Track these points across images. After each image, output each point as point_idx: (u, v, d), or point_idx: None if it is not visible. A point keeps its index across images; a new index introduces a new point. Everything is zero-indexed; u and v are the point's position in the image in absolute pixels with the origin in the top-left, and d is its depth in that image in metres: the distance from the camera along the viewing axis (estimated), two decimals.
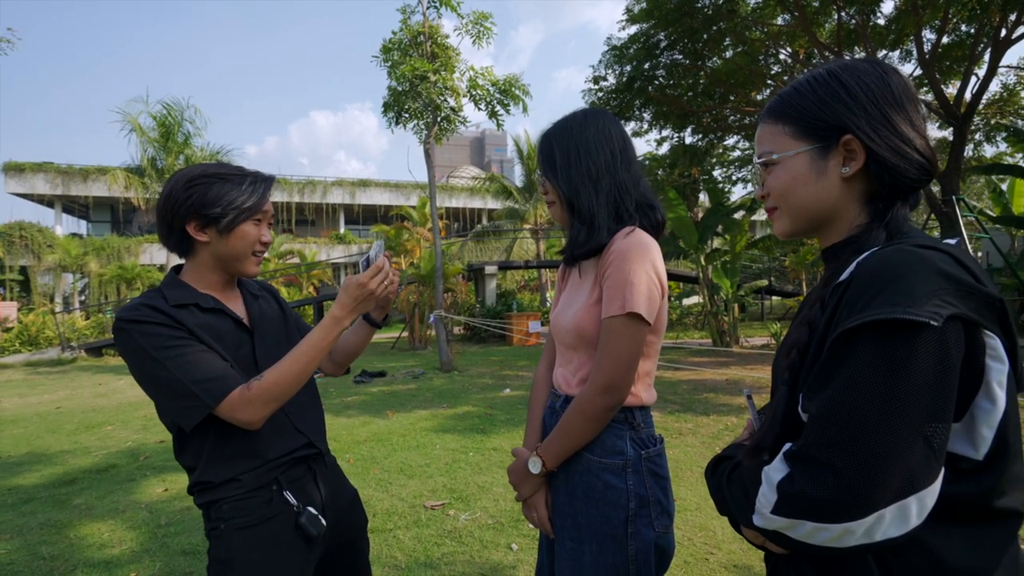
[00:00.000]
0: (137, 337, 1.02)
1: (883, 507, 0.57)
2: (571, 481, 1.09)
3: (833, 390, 0.59)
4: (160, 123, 14.60)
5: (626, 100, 10.17)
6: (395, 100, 9.15)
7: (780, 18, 9.48)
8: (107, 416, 6.37)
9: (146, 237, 23.46)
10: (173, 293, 1.10)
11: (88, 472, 4.15)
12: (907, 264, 0.59)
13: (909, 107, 0.69)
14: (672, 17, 8.73)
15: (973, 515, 0.62)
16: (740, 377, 7.48)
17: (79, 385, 9.25)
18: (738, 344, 10.95)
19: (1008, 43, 7.90)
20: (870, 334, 0.57)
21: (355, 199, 27.86)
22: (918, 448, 0.56)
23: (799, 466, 0.61)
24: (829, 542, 0.60)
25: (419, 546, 2.69)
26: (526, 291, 23.18)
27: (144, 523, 3.10)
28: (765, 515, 0.64)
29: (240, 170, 1.15)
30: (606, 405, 1.03)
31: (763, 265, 19.01)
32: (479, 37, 9.16)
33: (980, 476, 0.61)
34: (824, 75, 0.72)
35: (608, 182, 1.11)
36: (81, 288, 23.28)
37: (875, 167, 0.69)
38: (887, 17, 9.08)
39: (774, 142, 0.75)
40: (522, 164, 21.66)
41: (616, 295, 1.02)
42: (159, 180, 15.17)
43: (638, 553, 1.02)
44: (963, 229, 7.74)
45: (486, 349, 12.65)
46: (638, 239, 1.05)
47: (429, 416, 5.70)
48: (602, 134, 1.13)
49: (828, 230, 0.75)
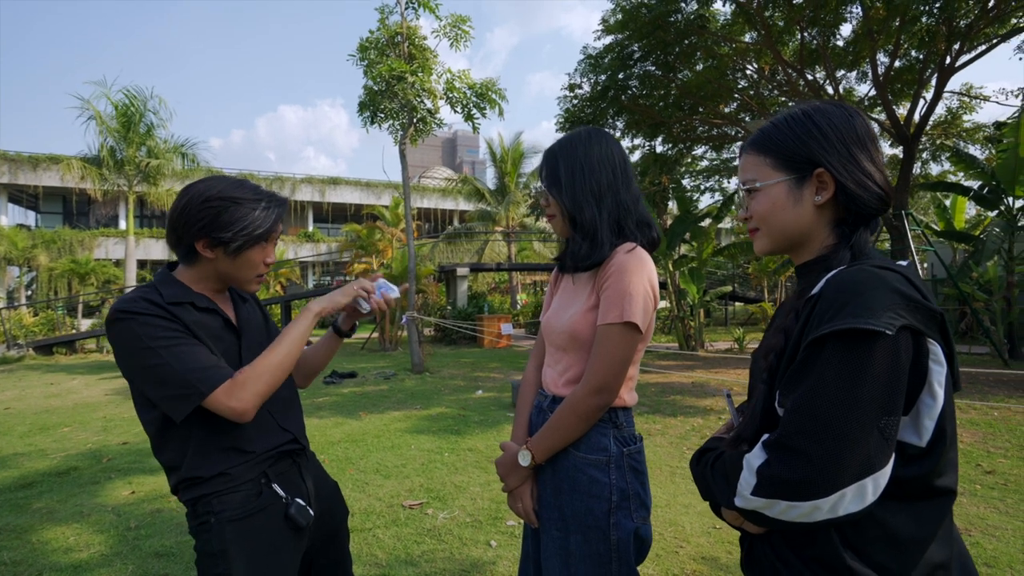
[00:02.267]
0: (134, 327, 1.03)
1: (845, 487, 0.67)
2: (557, 475, 1.17)
3: (805, 388, 0.70)
4: (121, 112, 14.02)
5: (600, 108, 10.39)
6: (371, 100, 9.08)
7: (748, 35, 9.90)
8: (62, 417, 6.11)
9: (102, 230, 22.41)
10: (169, 291, 1.12)
11: (46, 475, 3.99)
12: (867, 282, 0.70)
13: (870, 146, 0.81)
14: (646, 29, 8.99)
15: (917, 493, 0.73)
16: (705, 380, 7.75)
17: (28, 385, 8.80)
18: (703, 348, 11.32)
19: (952, 70, 8.47)
20: (836, 341, 0.68)
21: (325, 197, 27.36)
22: (874, 437, 0.67)
23: (776, 453, 0.71)
24: (800, 518, 0.70)
25: (399, 544, 2.72)
26: (496, 293, 23.25)
27: (112, 526, 3.02)
28: (746, 496, 0.74)
29: (256, 192, 1.17)
30: (597, 405, 1.12)
31: (727, 272, 19.67)
32: (457, 40, 9.21)
33: (923, 460, 0.73)
34: (800, 115, 0.84)
35: (610, 200, 1.20)
36: (28, 282, 22.03)
37: (843, 197, 0.81)
38: (846, 39, 9.59)
39: (757, 171, 0.86)
40: (495, 166, 21.74)
41: (615, 305, 1.10)
42: (118, 171, 14.58)
43: (619, 542, 1.12)
44: (911, 242, 8.26)
45: (457, 351, 12.66)
46: (638, 255, 1.14)
47: (403, 417, 5.70)
48: (604, 154, 1.21)
49: (801, 249, 0.87)
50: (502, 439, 4.72)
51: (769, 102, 11.06)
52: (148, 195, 15.40)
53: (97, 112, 13.88)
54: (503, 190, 21.40)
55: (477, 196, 22.16)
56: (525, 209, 20.10)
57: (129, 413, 6.26)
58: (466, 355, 11.69)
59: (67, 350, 13.50)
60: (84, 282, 19.53)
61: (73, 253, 20.84)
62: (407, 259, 11.84)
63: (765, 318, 16.47)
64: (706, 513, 3.09)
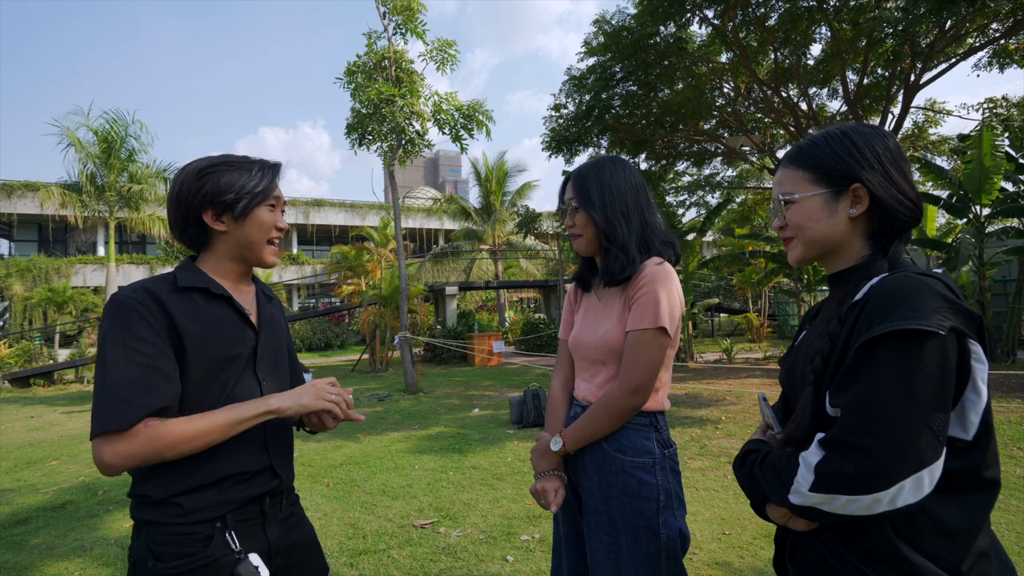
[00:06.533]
0: (114, 312, 0.99)
1: (903, 479, 0.72)
2: (605, 481, 1.23)
3: (861, 387, 0.75)
4: (102, 138, 13.85)
5: (585, 127, 10.65)
6: (359, 122, 9.18)
7: (724, 55, 10.29)
8: (49, 451, 5.93)
9: (79, 257, 21.91)
10: (185, 275, 1.07)
11: (41, 510, 3.88)
12: (915, 287, 0.76)
13: (903, 164, 0.89)
14: (628, 51, 9.31)
15: (965, 485, 0.77)
16: (698, 391, 7.85)
17: (7, 419, 8.50)
18: (693, 360, 11.46)
19: (917, 87, 8.92)
20: (890, 341, 0.74)
21: (309, 219, 27.21)
22: (927, 431, 0.72)
23: (835, 449, 0.76)
24: (860, 511, 0.74)
25: (415, 564, 2.72)
26: (484, 311, 23.26)
27: (118, 559, 2.96)
28: (803, 493, 0.78)
29: (246, 158, 1.16)
30: (632, 405, 1.20)
31: (711, 284, 20.01)
32: (443, 63, 9.40)
33: (970, 453, 0.77)
34: (838, 134, 0.91)
35: (637, 220, 1.30)
36: (0, 311, 21.37)
37: (877, 210, 0.88)
38: (816, 59, 10.04)
39: (795, 185, 0.93)
40: (480, 185, 21.91)
41: (647, 312, 1.19)
42: (98, 198, 14.35)
43: (669, 540, 1.17)
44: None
45: (448, 370, 12.61)
46: (666, 268, 1.24)
47: (402, 438, 5.67)
48: (628, 179, 1.33)
49: (834, 259, 0.93)
50: (504, 457, 4.74)
51: (746, 118, 11.46)
52: (130, 220, 15.16)
53: (75, 138, 13.68)
54: (488, 208, 21.57)
55: (463, 215, 22.27)
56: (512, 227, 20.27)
57: None
58: (457, 374, 11.65)
59: (45, 381, 13.09)
60: (61, 311, 19.02)
61: (49, 281, 20.31)
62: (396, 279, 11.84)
63: (751, 328, 16.75)
64: (714, 520, 3.14)
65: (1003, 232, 9.85)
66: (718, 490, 3.64)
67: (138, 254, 23.54)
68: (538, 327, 15.41)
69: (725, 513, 3.23)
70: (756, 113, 11.44)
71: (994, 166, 8.46)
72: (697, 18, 8.73)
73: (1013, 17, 7.74)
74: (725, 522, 3.11)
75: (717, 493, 3.59)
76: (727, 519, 3.14)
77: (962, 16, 7.25)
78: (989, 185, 8.62)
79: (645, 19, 8.87)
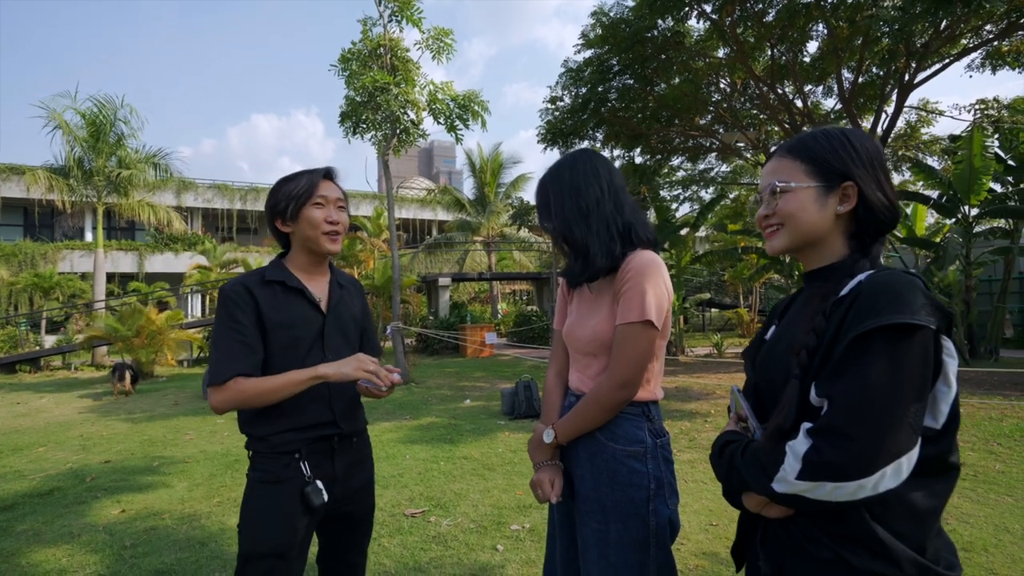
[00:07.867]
0: (222, 300, 1.35)
1: (885, 466, 0.75)
2: (597, 469, 1.24)
3: (852, 378, 0.78)
4: (90, 121, 13.60)
5: (580, 120, 10.61)
6: (353, 110, 9.09)
7: (721, 51, 10.27)
8: (36, 437, 5.88)
9: (66, 243, 21.58)
10: (271, 271, 1.40)
11: (27, 497, 3.85)
12: (903, 285, 0.80)
13: (887, 170, 0.93)
14: (625, 44, 9.26)
15: (933, 470, 0.83)
16: (688, 385, 7.93)
17: None
18: (683, 354, 11.56)
19: (911, 86, 8.97)
20: (882, 335, 0.77)
21: None
22: (907, 421, 0.76)
23: (823, 438, 0.78)
24: (844, 497, 0.77)
25: (406, 552, 2.74)
26: (476, 303, 23.25)
27: (106, 546, 2.95)
28: (789, 481, 0.80)
29: (299, 172, 1.43)
30: (621, 399, 1.21)
31: (703, 279, 20.14)
32: (439, 52, 9.30)
33: (939, 441, 0.82)
34: (838, 133, 0.94)
35: (602, 213, 1.28)
36: None
37: (862, 210, 0.91)
38: (813, 56, 10.06)
39: (790, 174, 0.95)
40: (474, 177, 21.79)
41: (633, 305, 1.19)
42: (86, 183, 14.13)
43: (657, 527, 1.19)
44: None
45: (440, 361, 12.62)
46: (651, 258, 1.23)
47: (393, 428, 5.68)
48: (590, 172, 1.31)
49: (813, 253, 0.96)
50: (495, 447, 4.76)
51: (741, 115, 11.47)
52: (119, 206, 14.95)
53: (63, 122, 13.42)
54: (483, 200, 21.48)
55: (457, 206, 22.18)
56: (506, 219, 20.22)
57: (108, 431, 6.07)
58: (449, 365, 11.66)
59: (31, 368, 12.95)
60: (48, 296, 18.76)
61: (35, 267, 20.00)
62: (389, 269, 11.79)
63: (741, 323, 16.89)
64: (702, 511, 3.19)
65: (990, 232, 9.99)
66: (707, 482, 3.69)
67: (127, 240, 23.23)
68: (530, 319, 15.44)
69: (713, 505, 3.27)
70: (751, 109, 11.46)
71: (983, 167, 8.55)
72: (695, 12, 8.69)
73: (1007, 19, 7.79)
74: (713, 513, 3.15)
75: (706, 485, 3.64)
76: (715, 510, 3.19)
77: (957, 16, 7.28)
78: (978, 185, 8.72)
79: (643, 12, 8.82)
